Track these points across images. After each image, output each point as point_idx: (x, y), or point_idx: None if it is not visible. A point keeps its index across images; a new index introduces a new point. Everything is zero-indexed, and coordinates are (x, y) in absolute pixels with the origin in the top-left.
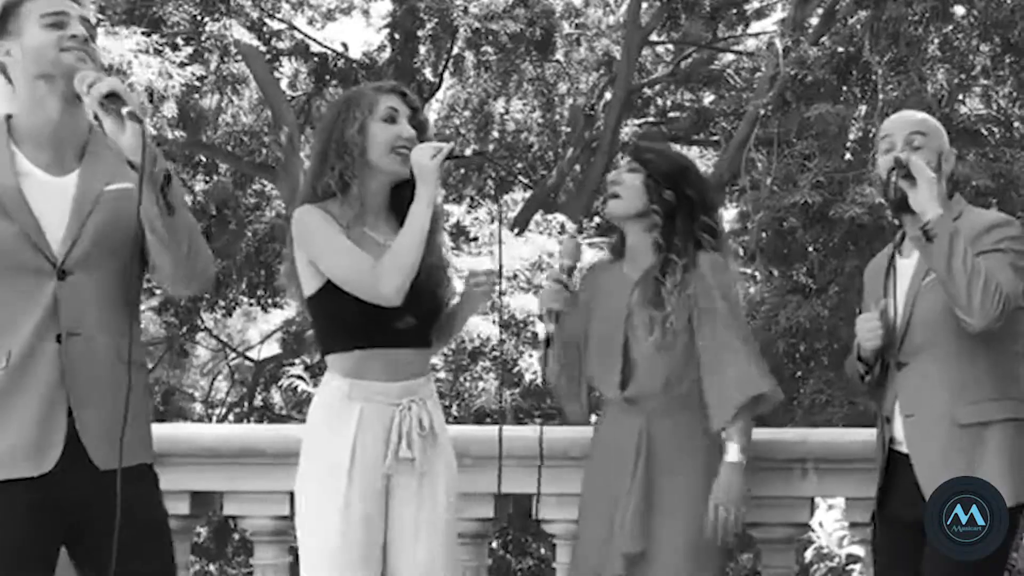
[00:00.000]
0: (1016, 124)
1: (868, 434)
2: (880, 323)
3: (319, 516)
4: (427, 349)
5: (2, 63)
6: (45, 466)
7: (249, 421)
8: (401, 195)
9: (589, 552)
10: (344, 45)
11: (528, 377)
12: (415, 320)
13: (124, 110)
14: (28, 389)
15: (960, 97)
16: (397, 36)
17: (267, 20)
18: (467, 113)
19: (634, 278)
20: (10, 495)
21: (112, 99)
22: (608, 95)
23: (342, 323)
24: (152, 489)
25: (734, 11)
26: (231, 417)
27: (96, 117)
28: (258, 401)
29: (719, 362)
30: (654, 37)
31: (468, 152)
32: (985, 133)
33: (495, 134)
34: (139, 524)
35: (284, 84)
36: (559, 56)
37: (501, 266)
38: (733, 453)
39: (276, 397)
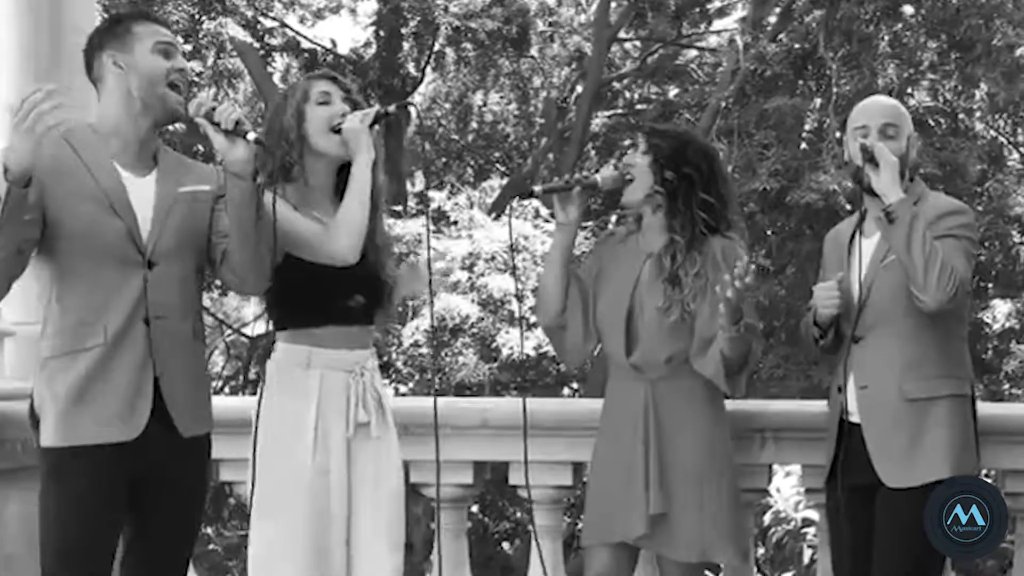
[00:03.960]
0: (961, 116)
1: (822, 406)
2: (838, 292)
3: (284, 479)
4: (372, 326)
5: (102, 68)
6: (134, 432)
7: (244, 393)
8: (347, 179)
9: (605, 517)
10: (333, 42)
11: (505, 352)
12: (364, 299)
13: (250, 136)
14: (121, 364)
15: (909, 90)
16: (382, 33)
17: (260, 18)
18: (448, 105)
19: (646, 252)
20: (101, 459)
21: (239, 126)
22: (579, 88)
23: (295, 302)
24: (207, 461)
25: (697, 10)
26: (227, 389)
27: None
28: (252, 375)
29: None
30: (622, 34)
31: (391, 108)
32: (932, 124)
33: (474, 125)
34: (191, 496)
35: (277, 78)
36: (534, 52)
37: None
38: None
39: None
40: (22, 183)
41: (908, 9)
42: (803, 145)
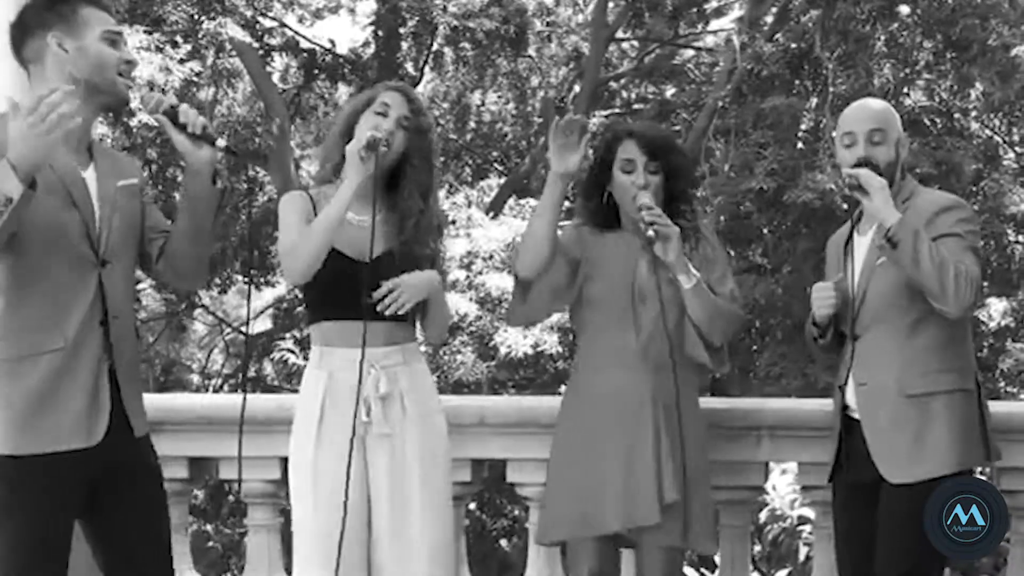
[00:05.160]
0: (957, 115)
1: (818, 404)
2: (834, 293)
3: (295, 478)
4: (397, 323)
5: (42, 49)
6: (95, 438)
7: (243, 391)
8: (397, 178)
9: (602, 505)
10: (331, 41)
11: (503, 351)
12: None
13: (220, 143)
14: (81, 367)
15: (905, 90)
16: (381, 33)
17: (260, 18)
18: (446, 105)
19: (638, 246)
20: (59, 466)
21: (207, 131)
22: (577, 88)
23: (313, 296)
24: (156, 459)
25: (694, 9)
26: (226, 387)
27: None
28: (251, 372)
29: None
30: (620, 34)
31: (381, 144)
32: (928, 123)
33: (472, 124)
34: (153, 496)
35: (275, 78)
36: (531, 52)
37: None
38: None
39: (268, 369)
40: (29, 182)
41: (904, 9)
42: (799, 144)
